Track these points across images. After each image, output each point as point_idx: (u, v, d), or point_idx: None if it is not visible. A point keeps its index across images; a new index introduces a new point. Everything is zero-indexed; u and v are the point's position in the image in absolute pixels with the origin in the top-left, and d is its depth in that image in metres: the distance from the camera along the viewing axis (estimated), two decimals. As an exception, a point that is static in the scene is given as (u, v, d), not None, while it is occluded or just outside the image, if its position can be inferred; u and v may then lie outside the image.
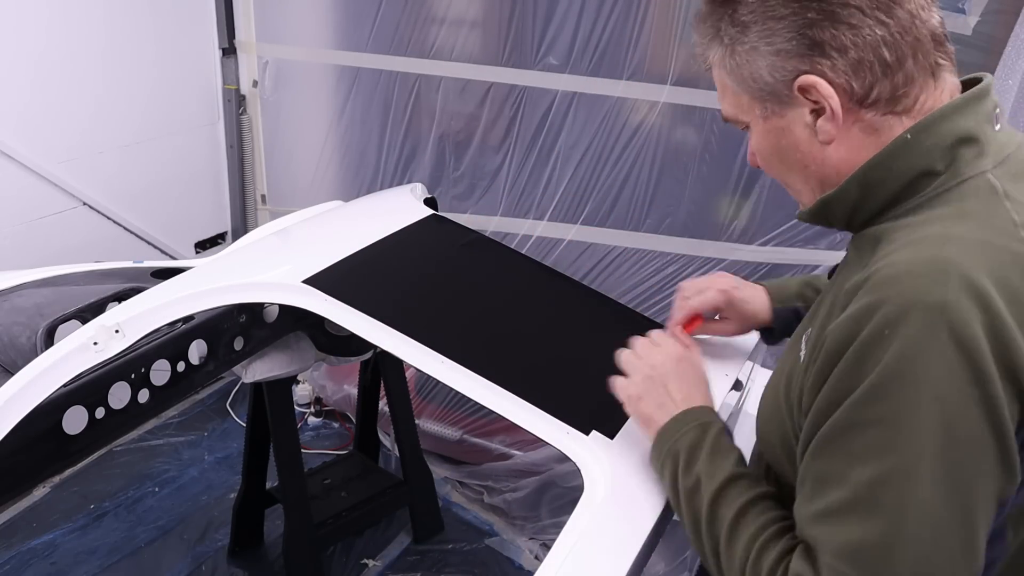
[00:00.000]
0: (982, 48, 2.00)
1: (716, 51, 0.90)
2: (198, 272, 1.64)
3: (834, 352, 0.78)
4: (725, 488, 0.94)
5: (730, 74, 0.89)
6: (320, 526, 2.38)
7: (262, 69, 3.11)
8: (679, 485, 1.00)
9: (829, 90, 0.82)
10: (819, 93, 0.83)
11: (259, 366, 1.87)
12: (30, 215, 2.65)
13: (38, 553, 2.54)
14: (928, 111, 0.83)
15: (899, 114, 0.84)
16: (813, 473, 0.82)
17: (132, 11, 2.80)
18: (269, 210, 3.30)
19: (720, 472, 0.96)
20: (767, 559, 0.85)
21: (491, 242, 1.95)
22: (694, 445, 1.01)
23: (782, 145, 0.89)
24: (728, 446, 1.01)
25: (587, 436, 1.23)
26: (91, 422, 1.41)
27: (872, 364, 0.75)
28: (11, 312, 1.63)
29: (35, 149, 2.61)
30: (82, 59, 2.69)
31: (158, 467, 2.95)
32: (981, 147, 0.82)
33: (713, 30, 0.90)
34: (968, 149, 0.82)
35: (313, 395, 3.29)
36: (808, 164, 0.88)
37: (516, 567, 2.59)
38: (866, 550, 0.75)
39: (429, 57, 2.72)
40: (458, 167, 2.85)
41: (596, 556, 1.04)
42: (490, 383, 1.35)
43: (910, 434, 0.74)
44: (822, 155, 0.87)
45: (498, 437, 2.89)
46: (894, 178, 0.83)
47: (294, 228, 1.87)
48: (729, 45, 0.88)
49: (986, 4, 1.96)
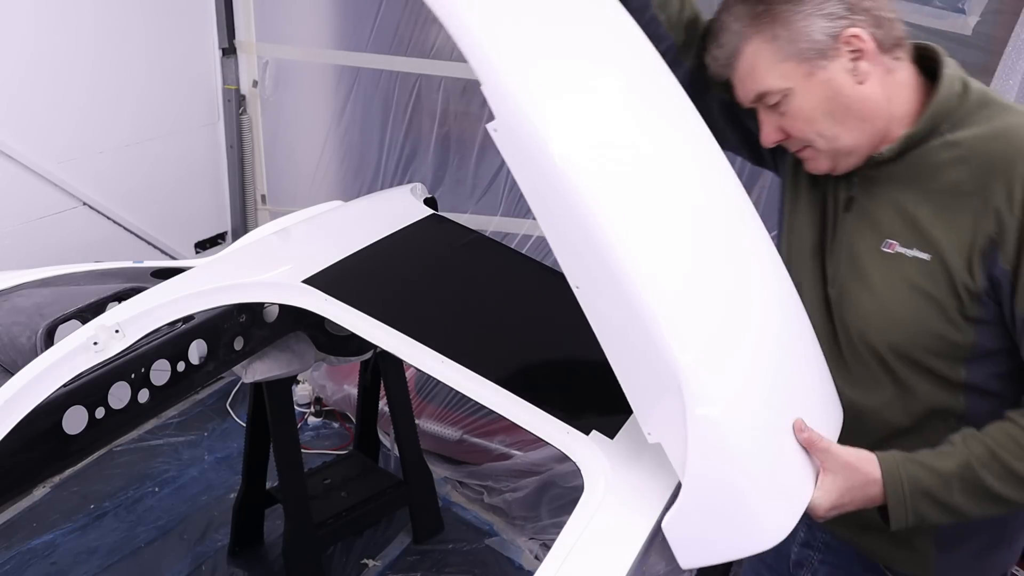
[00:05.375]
0: (982, 48, 1.99)
1: (763, 30, 1.11)
2: (198, 272, 1.64)
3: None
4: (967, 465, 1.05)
5: (784, 43, 1.10)
6: (320, 526, 2.38)
7: (262, 69, 3.11)
8: (961, 503, 1.06)
9: (868, 36, 1.09)
10: (860, 41, 1.08)
11: (259, 366, 1.87)
12: (30, 215, 2.65)
13: (38, 553, 2.54)
14: (908, 59, 1.14)
15: (901, 60, 1.13)
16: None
17: (132, 11, 2.80)
18: (269, 210, 3.30)
19: (949, 464, 1.06)
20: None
21: (491, 242, 1.95)
22: (919, 485, 1.07)
23: (829, 95, 1.10)
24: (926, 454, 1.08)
25: (587, 436, 1.23)
26: (91, 422, 1.40)
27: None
28: (11, 312, 1.63)
29: (35, 149, 2.61)
30: (82, 59, 2.69)
31: (158, 467, 2.95)
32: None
33: (759, 12, 1.11)
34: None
35: (313, 395, 3.29)
36: (851, 105, 1.10)
37: (516, 567, 2.59)
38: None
39: (429, 57, 2.71)
40: (459, 167, 2.85)
41: (596, 556, 1.04)
42: (490, 383, 1.35)
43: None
44: (861, 95, 1.10)
45: (498, 437, 2.88)
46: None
47: (294, 228, 1.87)
48: (783, 16, 1.09)
49: (986, 4, 1.96)
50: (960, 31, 2.00)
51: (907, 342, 1.13)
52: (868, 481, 1.06)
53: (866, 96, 1.11)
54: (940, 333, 1.11)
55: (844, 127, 1.12)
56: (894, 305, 1.13)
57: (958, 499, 1.06)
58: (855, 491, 1.07)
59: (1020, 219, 1.03)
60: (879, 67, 1.11)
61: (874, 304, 1.14)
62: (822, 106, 1.11)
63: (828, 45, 1.09)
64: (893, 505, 1.06)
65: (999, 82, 1.92)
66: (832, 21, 1.08)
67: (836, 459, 1.06)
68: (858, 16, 1.09)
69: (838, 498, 1.06)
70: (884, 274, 1.13)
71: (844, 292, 1.18)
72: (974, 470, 1.04)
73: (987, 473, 1.04)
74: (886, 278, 1.13)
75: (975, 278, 1.07)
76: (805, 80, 1.10)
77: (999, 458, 1.04)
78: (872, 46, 1.09)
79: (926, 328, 1.11)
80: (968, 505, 1.06)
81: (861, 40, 1.09)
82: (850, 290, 1.17)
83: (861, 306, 1.16)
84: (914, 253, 1.11)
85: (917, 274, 1.10)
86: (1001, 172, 1.05)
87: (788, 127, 1.15)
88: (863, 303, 1.16)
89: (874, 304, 1.14)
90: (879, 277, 1.14)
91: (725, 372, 1.03)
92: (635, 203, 1.04)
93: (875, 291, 1.14)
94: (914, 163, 1.12)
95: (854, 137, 1.13)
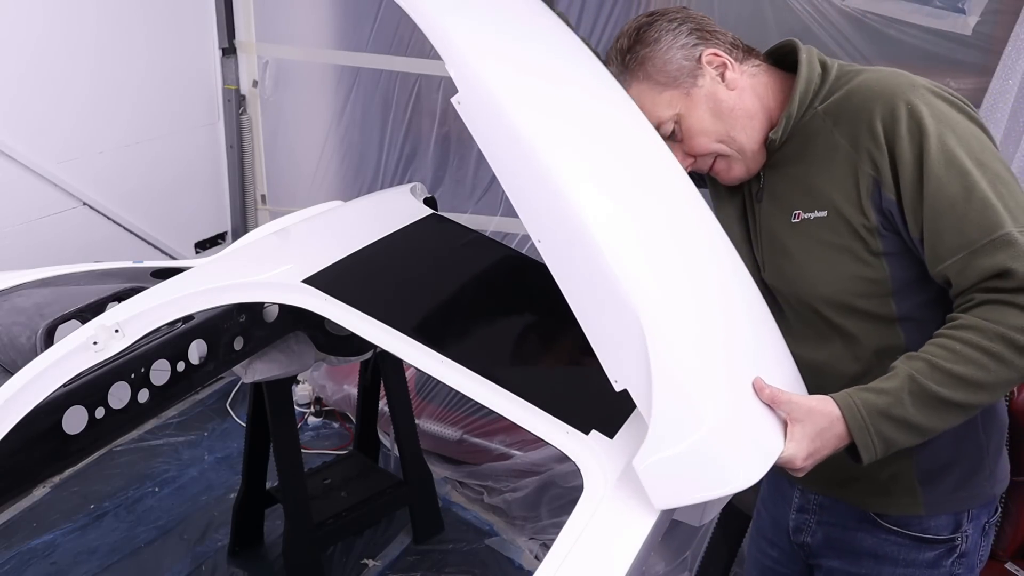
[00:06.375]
0: (982, 48, 2.00)
1: (636, 73, 1.29)
2: (198, 272, 1.64)
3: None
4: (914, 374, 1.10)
5: (656, 78, 1.28)
6: (320, 526, 2.38)
7: (262, 69, 3.12)
8: (917, 416, 1.10)
9: (724, 52, 1.28)
10: (719, 56, 1.27)
11: (259, 366, 1.87)
12: (30, 215, 2.65)
13: (38, 553, 2.54)
14: (766, 65, 1.32)
15: (759, 66, 1.31)
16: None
17: (132, 11, 2.80)
18: (269, 210, 3.31)
19: (895, 382, 1.11)
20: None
21: (491, 242, 1.95)
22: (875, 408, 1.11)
23: (711, 106, 1.27)
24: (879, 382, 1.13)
25: (587, 436, 1.23)
26: (91, 422, 1.41)
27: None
28: (11, 312, 1.63)
29: (35, 149, 2.61)
30: (82, 59, 2.69)
31: (158, 467, 2.95)
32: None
33: (627, 61, 1.30)
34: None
35: (313, 395, 3.29)
36: (734, 107, 1.27)
37: (516, 567, 2.59)
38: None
39: (429, 57, 2.71)
40: (459, 167, 2.86)
41: (596, 556, 1.04)
42: (490, 383, 1.35)
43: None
44: (737, 97, 1.28)
45: (498, 437, 2.88)
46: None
47: (294, 228, 1.87)
48: (647, 57, 1.28)
49: (986, 4, 1.97)
50: (960, 31, 2.00)
51: (835, 291, 1.24)
52: (832, 420, 1.11)
53: (741, 98, 1.28)
54: (857, 274, 1.22)
55: (735, 127, 1.28)
56: (812, 263, 1.25)
57: (913, 413, 1.09)
58: (825, 433, 1.11)
59: (887, 151, 1.16)
60: (742, 75, 1.29)
61: (798, 269, 1.27)
62: (709, 115, 1.28)
63: (693, 67, 1.27)
64: (856, 433, 1.10)
65: (999, 82, 1.92)
66: (688, 49, 1.27)
67: (799, 407, 1.11)
68: (708, 39, 1.29)
69: (810, 444, 1.10)
70: (798, 241, 1.27)
71: (774, 269, 1.32)
72: (918, 381, 1.09)
73: (930, 382, 1.09)
74: (801, 243, 1.27)
75: (868, 216, 1.19)
76: (687, 100, 1.28)
77: (938, 366, 1.09)
78: (730, 59, 1.28)
79: (844, 273, 1.23)
80: (926, 417, 1.10)
81: (719, 56, 1.28)
82: (777, 265, 1.31)
83: (789, 274, 1.29)
84: (815, 215, 1.24)
85: (821, 231, 1.24)
86: (863, 119, 1.19)
87: (691, 148, 1.30)
88: (790, 272, 1.29)
89: (798, 269, 1.27)
90: (795, 245, 1.27)
91: (683, 319, 1.12)
92: (588, 162, 1.18)
93: (796, 258, 1.27)
94: (799, 139, 1.27)
95: (747, 135, 1.28)
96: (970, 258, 1.10)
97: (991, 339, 1.07)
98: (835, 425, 1.11)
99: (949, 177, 1.12)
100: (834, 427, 1.11)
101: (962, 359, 1.08)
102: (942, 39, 2.03)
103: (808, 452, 1.10)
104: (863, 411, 1.10)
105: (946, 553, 1.33)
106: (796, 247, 1.27)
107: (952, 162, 1.12)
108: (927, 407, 1.09)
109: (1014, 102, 1.91)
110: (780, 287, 1.32)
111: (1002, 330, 1.07)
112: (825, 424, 1.11)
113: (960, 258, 1.11)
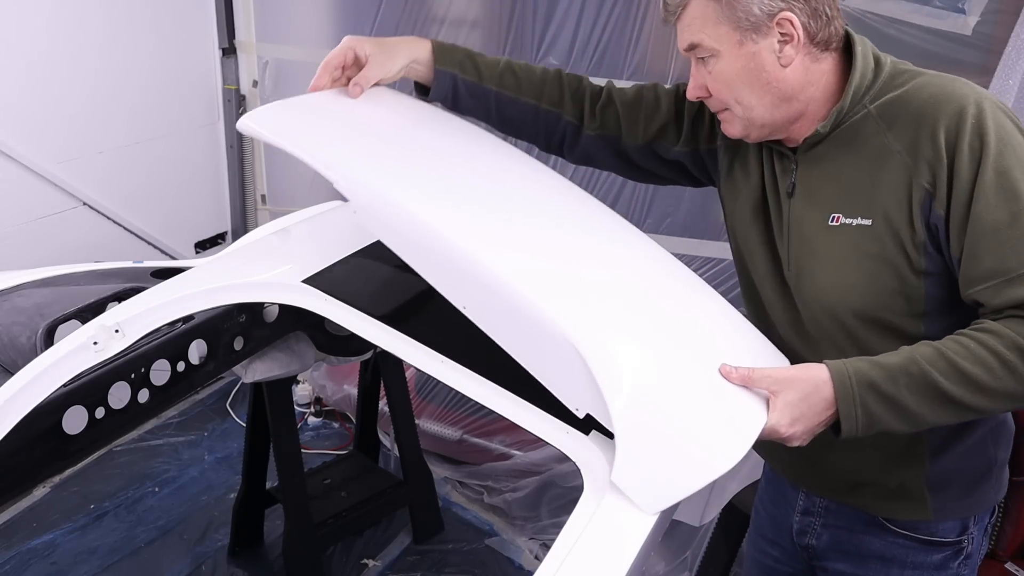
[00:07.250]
0: (982, 48, 2.00)
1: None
2: (198, 272, 1.64)
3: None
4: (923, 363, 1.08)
5: (725, 8, 1.16)
6: (320, 526, 2.38)
7: (262, 69, 3.11)
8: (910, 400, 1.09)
9: (800, 24, 1.16)
10: (792, 26, 1.15)
11: (259, 366, 1.87)
12: (30, 215, 2.65)
13: (38, 553, 2.54)
14: (836, 50, 1.21)
15: (829, 51, 1.20)
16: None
17: (132, 11, 2.80)
18: (269, 210, 3.30)
19: (895, 359, 1.10)
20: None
21: (491, 242, 1.95)
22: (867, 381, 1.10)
23: (751, 68, 1.18)
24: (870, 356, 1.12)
25: (587, 436, 1.23)
26: (91, 422, 1.41)
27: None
28: (11, 312, 1.63)
29: (35, 149, 2.61)
30: (82, 59, 2.69)
31: (158, 467, 2.95)
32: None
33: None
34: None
35: (313, 395, 3.29)
36: (770, 82, 1.18)
37: (516, 567, 2.59)
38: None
39: (429, 57, 2.71)
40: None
41: (596, 556, 1.04)
42: (490, 383, 1.34)
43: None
44: (781, 75, 1.18)
45: (498, 437, 2.89)
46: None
47: (294, 228, 1.87)
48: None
49: (986, 4, 1.97)
50: (960, 31, 2.00)
51: (868, 304, 1.19)
52: (818, 383, 1.10)
53: (786, 78, 1.18)
54: (896, 289, 1.17)
55: (760, 101, 1.20)
56: (848, 272, 1.19)
57: (905, 394, 1.08)
58: (810, 398, 1.10)
59: (947, 162, 1.11)
60: (805, 55, 1.18)
61: (831, 276, 1.21)
62: (743, 76, 1.19)
63: (762, 22, 1.16)
64: (841, 400, 1.09)
65: (999, 82, 1.92)
66: (771, 1, 1.15)
67: (774, 379, 1.11)
68: (796, 3, 1.16)
69: (793, 410, 1.10)
70: (835, 247, 1.20)
71: (801, 271, 1.25)
72: (920, 365, 1.08)
73: (933, 369, 1.07)
74: (837, 250, 1.20)
75: (916, 230, 1.14)
76: (734, 47, 1.18)
77: (946, 357, 1.08)
78: (802, 34, 1.16)
79: (882, 287, 1.17)
80: (916, 403, 1.09)
81: (792, 26, 1.16)
82: (806, 268, 1.24)
83: (819, 281, 1.23)
84: (858, 221, 1.18)
85: (864, 240, 1.18)
86: (924, 125, 1.13)
87: (711, 86, 1.23)
88: (820, 278, 1.23)
89: (831, 276, 1.21)
90: (831, 250, 1.21)
91: (619, 336, 1.17)
92: (484, 222, 1.26)
93: (829, 264, 1.21)
94: (845, 136, 1.20)
95: (769, 113, 1.21)
96: (1004, 286, 1.08)
97: (1008, 347, 1.06)
98: (821, 388, 1.10)
99: (999, 200, 1.08)
100: (820, 390, 1.10)
101: (972, 357, 1.07)
102: (942, 39, 2.03)
103: (792, 418, 1.10)
104: (853, 378, 1.09)
105: (953, 555, 1.32)
106: (831, 253, 1.21)
107: (1004, 185, 1.08)
108: (920, 393, 1.08)
109: (1014, 102, 1.91)
110: (802, 289, 1.26)
111: (1022, 341, 1.06)
112: (810, 388, 1.10)
113: (994, 284, 1.09)
